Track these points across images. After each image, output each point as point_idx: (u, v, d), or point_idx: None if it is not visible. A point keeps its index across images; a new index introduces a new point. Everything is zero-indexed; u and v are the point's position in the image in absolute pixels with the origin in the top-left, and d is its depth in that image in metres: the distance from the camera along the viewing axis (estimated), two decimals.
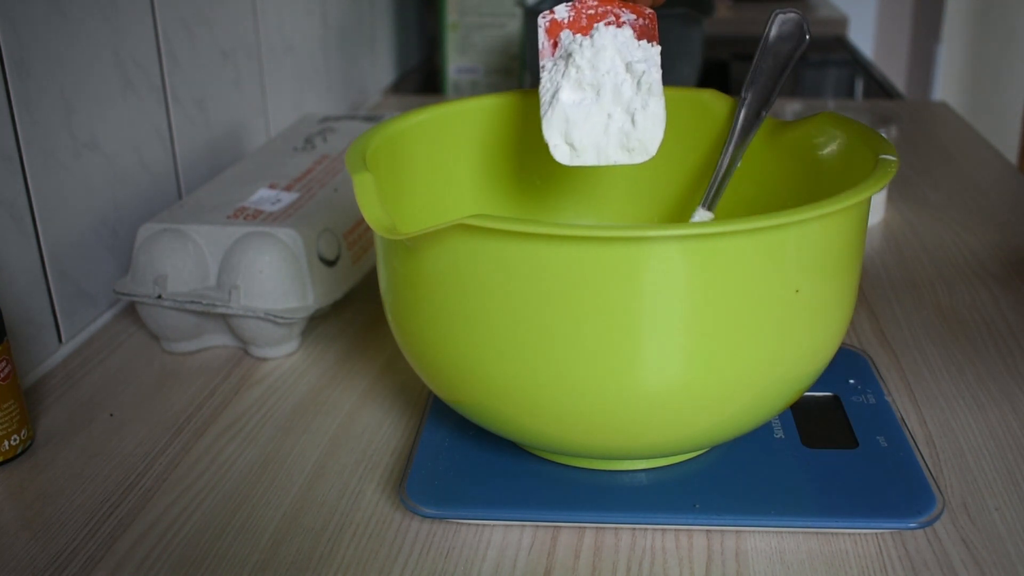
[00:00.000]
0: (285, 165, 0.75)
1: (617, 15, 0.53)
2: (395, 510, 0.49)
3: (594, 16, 0.53)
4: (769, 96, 0.55)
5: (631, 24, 0.52)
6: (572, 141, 0.50)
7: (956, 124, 1.15)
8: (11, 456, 0.53)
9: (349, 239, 0.69)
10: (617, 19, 0.52)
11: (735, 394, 0.43)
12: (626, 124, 0.49)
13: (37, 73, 0.62)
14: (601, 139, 0.50)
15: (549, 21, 0.53)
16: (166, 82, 0.77)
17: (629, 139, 0.50)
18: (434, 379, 0.47)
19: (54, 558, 0.46)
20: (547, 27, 0.53)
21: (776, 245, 0.41)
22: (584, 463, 0.49)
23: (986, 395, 0.58)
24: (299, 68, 1.05)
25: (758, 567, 0.45)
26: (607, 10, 0.53)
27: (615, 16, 0.52)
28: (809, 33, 0.55)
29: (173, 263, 0.62)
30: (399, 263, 0.45)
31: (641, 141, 0.50)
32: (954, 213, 0.87)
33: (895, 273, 0.75)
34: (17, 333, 0.61)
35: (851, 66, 1.57)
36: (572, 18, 0.53)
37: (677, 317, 0.41)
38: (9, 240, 0.60)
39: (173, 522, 0.48)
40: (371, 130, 0.52)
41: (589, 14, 0.53)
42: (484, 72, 1.35)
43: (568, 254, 0.39)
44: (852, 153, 0.50)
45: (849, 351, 0.60)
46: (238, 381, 0.61)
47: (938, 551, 0.45)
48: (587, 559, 0.45)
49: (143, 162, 0.74)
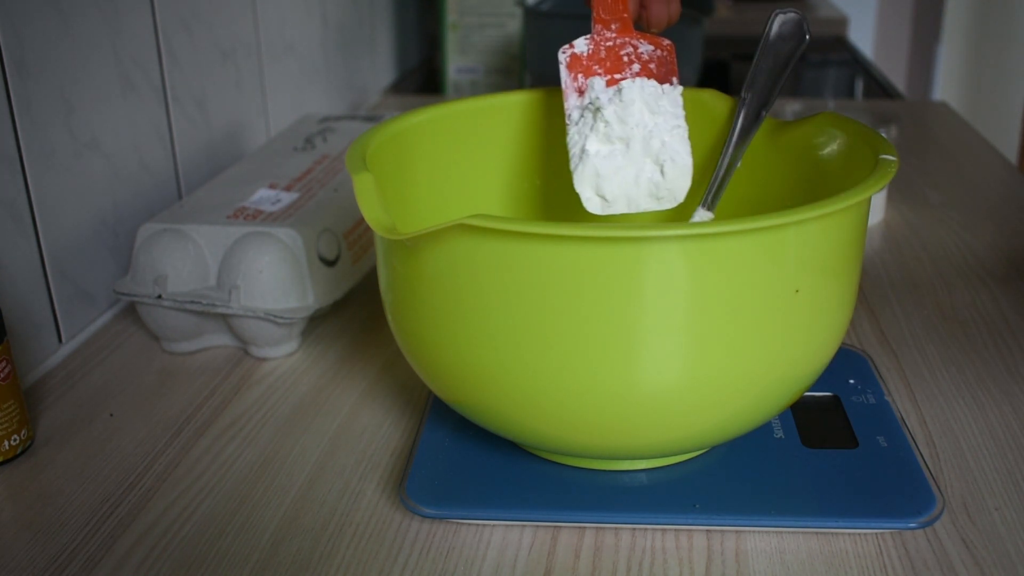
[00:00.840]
0: (285, 165, 0.75)
1: (635, 46, 0.54)
2: (395, 510, 0.49)
3: (612, 48, 0.54)
4: (769, 96, 0.55)
5: (649, 55, 0.54)
6: (603, 193, 0.51)
7: (956, 124, 1.15)
8: (11, 456, 0.53)
9: (349, 239, 0.69)
10: (635, 50, 0.53)
11: (735, 394, 0.43)
12: (655, 175, 0.51)
13: (37, 73, 0.62)
14: (632, 190, 0.52)
15: (569, 56, 0.53)
16: (166, 82, 0.77)
17: (659, 189, 0.51)
18: (434, 379, 0.47)
19: (54, 558, 0.46)
20: (567, 63, 0.53)
21: (776, 245, 0.41)
22: (584, 463, 0.49)
23: (986, 395, 0.58)
24: (299, 68, 1.05)
25: (758, 567, 0.45)
26: (625, 41, 0.54)
27: (633, 47, 0.54)
28: (809, 33, 0.55)
29: (173, 263, 0.62)
30: (399, 263, 0.45)
31: (670, 190, 0.51)
32: (954, 213, 0.87)
33: (895, 273, 0.75)
34: (17, 333, 0.61)
35: (851, 66, 1.57)
36: (591, 51, 0.54)
37: (677, 317, 0.41)
38: (9, 240, 0.60)
39: (173, 522, 0.48)
40: (371, 130, 0.52)
41: (608, 46, 0.54)
42: (484, 72, 1.35)
43: (568, 254, 0.39)
44: (852, 153, 0.50)
45: (849, 351, 0.60)
46: (238, 381, 0.61)
47: (938, 551, 0.45)
48: (587, 559, 0.45)
49: (143, 162, 0.74)
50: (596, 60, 0.54)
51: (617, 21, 0.54)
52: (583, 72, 0.54)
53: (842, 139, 0.52)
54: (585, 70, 0.54)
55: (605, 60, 0.53)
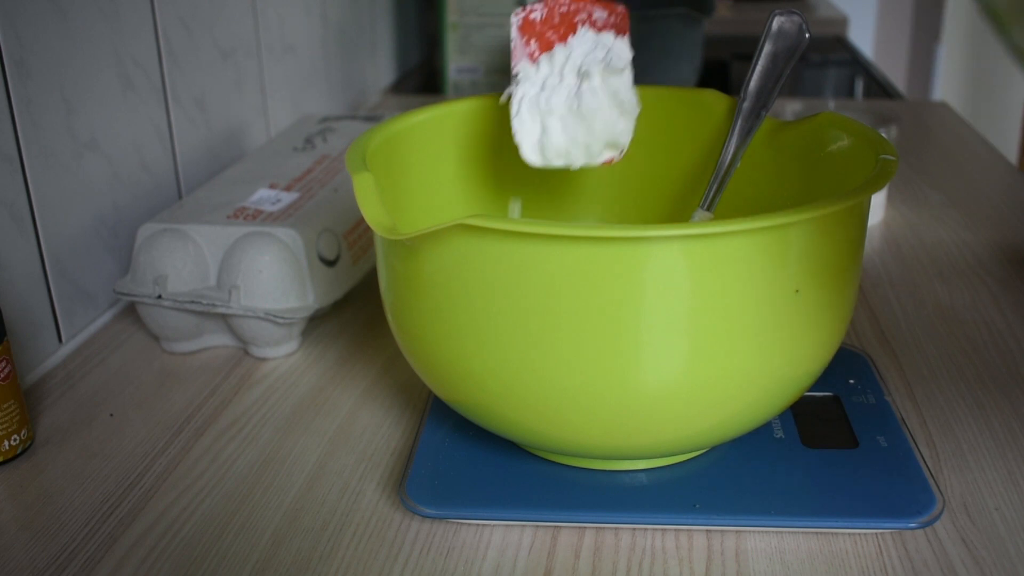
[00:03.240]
0: (285, 165, 0.75)
1: (590, 12, 0.53)
2: (395, 510, 0.49)
3: (567, 14, 0.54)
4: (769, 96, 0.55)
5: (604, 22, 0.53)
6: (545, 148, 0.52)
7: (956, 124, 1.15)
8: (11, 456, 0.53)
9: (349, 239, 0.69)
10: (590, 16, 0.53)
11: (735, 394, 0.43)
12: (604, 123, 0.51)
13: (37, 73, 0.62)
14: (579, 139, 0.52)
15: (522, 19, 0.53)
16: (166, 82, 0.77)
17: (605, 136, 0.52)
18: (434, 379, 0.47)
19: (54, 558, 0.46)
20: (520, 25, 0.53)
21: (776, 245, 0.41)
22: (584, 463, 0.49)
23: (986, 395, 0.58)
24: (299, 68, 1.05)
25: (758, 567, 0.45)
26: (579, 7, 0.53)
27: (588, 13, 0.54)
28: (809, 33, 0.55)
29: (173, 263, 0.62)
30: (399, 263, 0.45)
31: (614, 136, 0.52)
32: (954, 213, 0.87)
33: (895, 273, 0.75)
34: (17, 333, 0.61)
35: (851, 66, 1.57)
36: (545, 15, 0.53)
37: (677, 317, 0.41)
38: (9, 240, 0.60)
39: (173, 522, 0.48)
40: (371, 130, 0.52)
41: (562, 12, 0.53)
42: (484, 72, 1.35)
43: (568, 254, 0.39)
44: (852, 153, 0.50)
45: (849, 351, 0.60)
46: (238, 381, 0.61)
47: (938, 551, 0.45)
48: (587, 559, 0.45)
49: (143, 162, 0.74)
50: (550, 26, 0.53)
51: None
52: (535, 37, 0.54)
53: (842, 139, 0.52)
54: (539, 36, 0.54)
55: (559, 26, 0.53)
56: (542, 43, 0.53)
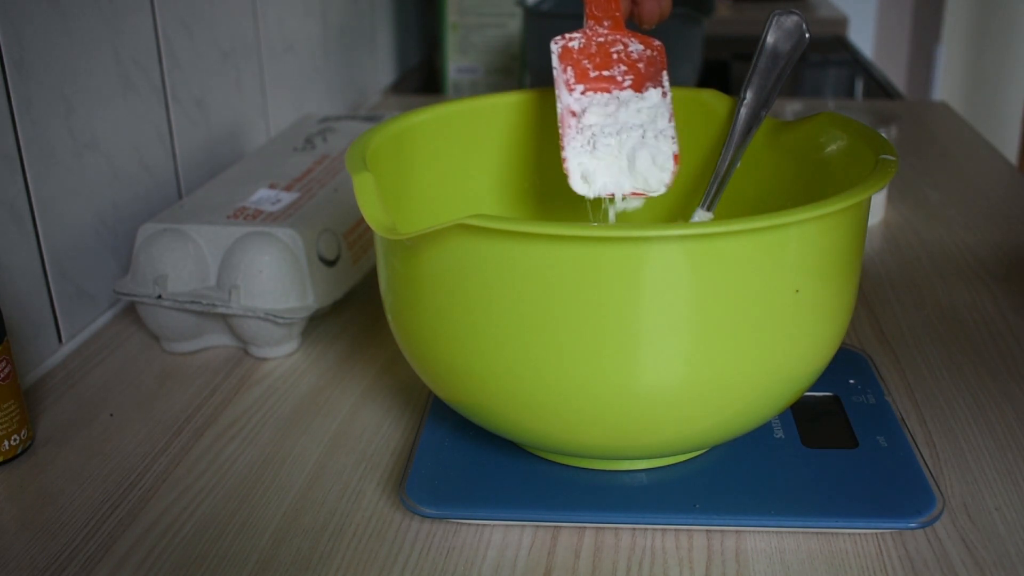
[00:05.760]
0: (285, 165, 0.75)
1: (626, 44, 0.55)
2: (395, 510, 0.49)
3: (604, 44, 0.55)
4: (769, 96, 0.55)
5: (639, 55, 0.55)
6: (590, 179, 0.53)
7: (956, 124, 1.15)
8: (11, 456, 0.53)
9: (349, 239, 0.69)
10: (625, 48, 0.55)
11: (735, 394, 0.43)
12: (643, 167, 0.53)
13: (37, 73, 0.62)
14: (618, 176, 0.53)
15: (562, 48, 0.54)
16: (166, 82, 0.77)
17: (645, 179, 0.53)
18: (434, 379, 0.47)
19: (54, 558, 0.46)
20: (559, 53, 0.55)
21: (776, 245, 0.41)
22: (584, 463, 0.49)
23: (986, 395, 0.58)
24: (299, 68, 1.05)
25: (758, 567, 0.45)
26: (616, 38, 0.55)
27: (623, 45, 0.55)
28: (809, 33, 0.55)
29: (173, 263, 0.62)
30: (399, 263, 0.45)
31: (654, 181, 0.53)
32: (954, 213, 0.87)
33: (895, 273, 0.75)
34: (17, 333, 0.61)
35: (851, 66, 1.57)
36: (583, 45, 0.55)
37: (677, 317, 0.41)
38: (9, 240, 0.60)
39: (173, 522, 0.48)
40: (371, 130, 0.52)
41: (599, 41, 0.55)
42: (484, 72, 1.35)
43: (568, 254, 0.39)
44: (852, 153, 0.50)
45: (849, 351, 0.60)
46: (238, 381, 0.61)
47: (938, 551, 0.45)
48: (587, 559, 0.45)
49: (143, 162, 0.74)
50: (586, 55, 0.55)
51: (609, 19, 0.55)
52: (572, 65, 0.54)
53: (842, 139, 0.52)
54: (575, 63, 0.54)
55: (595, 55, 0.54)
56: (578, 72, 0.54)
